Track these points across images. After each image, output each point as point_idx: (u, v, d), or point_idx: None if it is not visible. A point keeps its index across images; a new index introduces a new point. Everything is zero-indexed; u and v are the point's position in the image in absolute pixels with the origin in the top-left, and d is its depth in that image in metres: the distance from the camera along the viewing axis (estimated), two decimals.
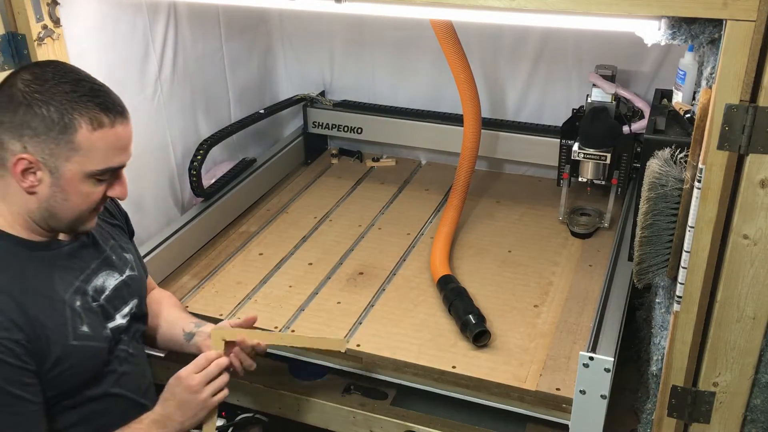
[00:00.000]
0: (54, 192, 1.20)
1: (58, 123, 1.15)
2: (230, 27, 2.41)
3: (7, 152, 1.17)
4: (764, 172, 1.18)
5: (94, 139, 1.18)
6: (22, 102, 1.15)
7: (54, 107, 1.15)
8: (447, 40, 1.87)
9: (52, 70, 1.19)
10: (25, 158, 1.16)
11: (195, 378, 1.34)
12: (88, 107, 1.17)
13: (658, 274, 1.43)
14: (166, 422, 1.33)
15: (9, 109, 1.16)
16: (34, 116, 1.15)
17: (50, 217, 1.23)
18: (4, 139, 1.17)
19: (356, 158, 2.70)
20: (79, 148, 1.17)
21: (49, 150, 1.16)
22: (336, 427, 1.77)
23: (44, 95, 1.16)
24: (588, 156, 2.07)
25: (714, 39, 1.22)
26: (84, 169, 1.19)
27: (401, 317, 1.82)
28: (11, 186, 1.20)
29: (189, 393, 1.33)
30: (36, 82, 1.17)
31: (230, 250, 2.13)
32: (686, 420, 1.43)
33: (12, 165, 1.17)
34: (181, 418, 1.33)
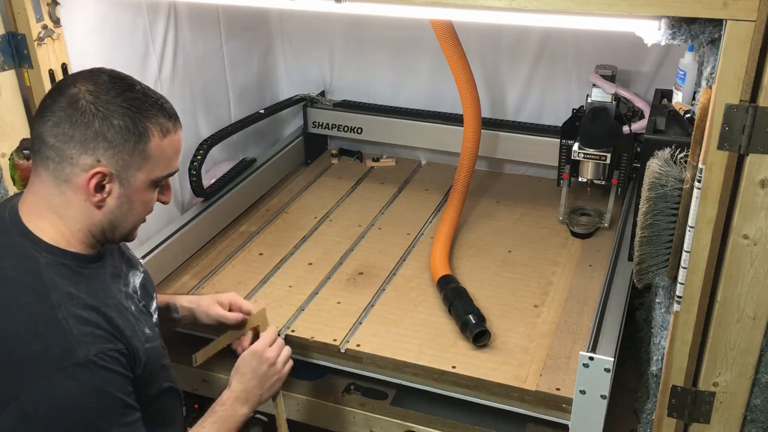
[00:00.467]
0: (121, 203, 1.18)
1: (133, 133, 1.13)
2: (230, 27, 2.41)
3: (76, 167, 1.13)
4: (764, 172, 1.18)
5: (164, 146, 1.18)
6: (96, 114, 1.12)
7: (129, 117, 1.13)
8: (447, 40, 1.87)
9: (108, 78, 1.16)
10: (101, 171, 1.13)
11: (272, 351, 1.43)
12: (156, 115, 1.16)
13: (658, 274, 1.43)
14: (248, 397, 1.39)
15: (81, 122, 1.11)
16: (111, 127, 1.12)
17: (110, 230, 1.20)
18: (73, 153, 1.12)
19: (356, 158, 2.70)
20: (150, 157, 1.16)
21: (123, 161, 1.14)
22: (336, 427, 1.77)
23: (116, 105, 1.13)
24: (588, 156, 2.07)
25: (714, 39, 1.22)
26: (150, 177, 1.19)
27: (401, 317, 1.82)
28: (72, 202, 1.15)
29: (268, 366, 1.42)
30: (102, 92, 1.13)
31: (230, 250, 2.12)
32: (686, 420, 1.43)
33: (86, 180, 1.13)
34: (260, 390, 1.41)
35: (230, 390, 1.40)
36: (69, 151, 1.12)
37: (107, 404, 1.12)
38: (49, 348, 1.09)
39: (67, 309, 1.11)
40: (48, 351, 1.08)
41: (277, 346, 1.46)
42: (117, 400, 1.13)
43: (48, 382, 1.07)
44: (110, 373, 1.12)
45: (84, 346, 1.10)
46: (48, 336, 1.09)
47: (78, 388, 1.09)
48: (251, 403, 1.40)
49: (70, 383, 1.08)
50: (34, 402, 1.07)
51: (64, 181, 1.14)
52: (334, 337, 1.73)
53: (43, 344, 1.09)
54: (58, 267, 1.15)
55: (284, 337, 1.75)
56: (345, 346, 1.71)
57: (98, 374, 1.10)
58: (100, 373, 1.11)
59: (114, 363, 1.13)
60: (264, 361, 1.42)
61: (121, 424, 1.14)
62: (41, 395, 1.07)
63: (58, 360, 1.08)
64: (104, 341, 1.13)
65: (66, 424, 1.09)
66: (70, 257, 1.17)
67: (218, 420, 1.35)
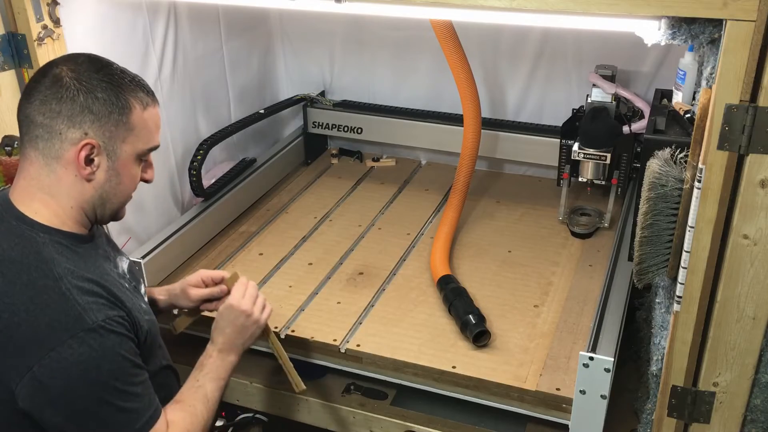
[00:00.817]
0: (109, 176, 1.23)
1: (116, 105, 1.20)
2: (230, 27, 2.41)
3: (65, 142, 1.18)
4: (764, 172, 1.18)
5: (145, 118, 1.25)
6: (80, 89, 1.18)
7: (111, 90, 1.20)
8: (447, 40, 1.87)
9: (86, 59, 1.23)
10: (89, 143, 1.19)
11: (246, 302, 1.47)
12: (134, 89, 1.23)
13: (658, 274, 1.43)
14: (231, 347, 1.44)
15: (66, 97, 1.18)
16: (96, 100, 1.19)
17: (101, 205, 1.25)
18: (62, 129, 1.18)
19: (356, 158, 2.70)
20: (133, 128, 1.23)
21: (109, 133, 1.20)
22: (336, 427, 1.77)
23: (97, 81, 1.20)
24: (588, 156, 2.07)
25: (714, 39, 1.22)
26: (136, 149, 1.24)
27: (401, 317, 1.82)
28: (63, 179, 1.21)
29: (245, 317, 1.46)
30: (82, 70, 1.20)
31: (230, 250, 2.12)
32: (686, 420, 1.43)
33: (75, 153, 1.18)
34: (241, 340, 1.45)
35: (213, 344, 1.44)
36: (57, 126, 1.18)
37: (119, 366, 1.17)
38: (58, 318, 1.13)
39: (69, 281, 1.16)
40: (57, 321, 1.13)
41: (250, 296, 1.49)
42: (127, 362, 1.18)
43: (61, 350, 1.11)
44: (118, 336, 1.17)
45: (91, 313, 1.15)
46: (55, 307, 1.13)
47: (90, 353, 1.13)
48: (236, 351, 1.45)
49: (82, 349, 1.12)
50: (49, 371, 1.11)
51: (54, 158, 1.19)
52: (334, 337, 1.73)
53: (51, 315, 1.13)
54: (55, 245, 1.19)
55: (284, 336, 1.75)
56: (345, 346, 1.71)
57: (107, 338, 1.15)
58: (110, 336, 1.15)
59: (120, 327, 1.18)
60: (240, 314, 1.46)
61: (134, 383, 1.20)
62: (55, 363, 1.11)
63: (67, 328, 1.12)
64: (108, 308, 1.18)
65: (83, 387, 1.14)
66: (65, 236, 1.22)
67: (209, 371, 1.40)
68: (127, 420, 1.18)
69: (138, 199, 2.05)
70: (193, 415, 1.32)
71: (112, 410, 1.16)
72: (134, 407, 1.19)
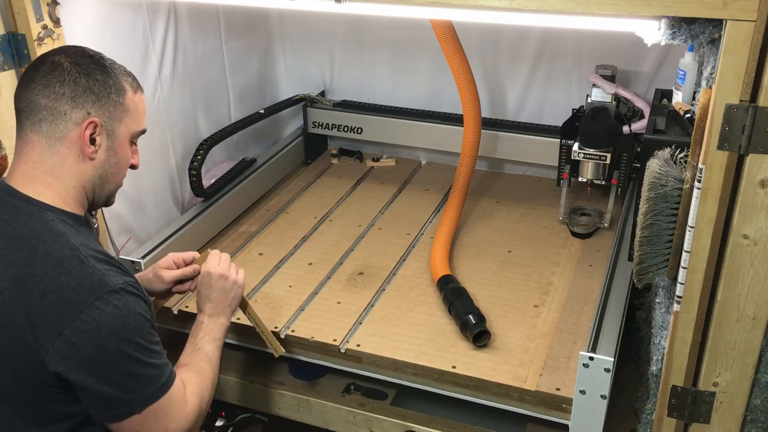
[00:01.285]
0: (109, 156, 1.30)
1: (113, 86, 1.27)
2: (230, 27, 2.41)
3: (69, 122, 1.24)
4: (764, 172, 1.18)
5: (136, 100, 1.33)
6: (80, 72, 1.25)
7: (106, 74, 1.27)
8: (447, 40, 1.87)
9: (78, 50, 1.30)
10: (93, 121, 1.25)
11: (220, 267, 1.55)
12: (124, 74, 1.32)
13: (658, 274, 1.43)
14: (220, 310, 1.52)
15: (69, 80, 1.24)
16: (95, 82, 1.26)
17: (100, 185, 1.32)
18: (66, 109, 1.24)
19: (356, 158, 2.70)
20: (127, 109, 1.30)
21: (108, 113, 1.27)
22: (336, 427, 1.77)
23: (93, 66, 1.27)
24: (588, 156, 2.07)
25: (714, 39, 1.22)
26: (130, 131, 1.32)
27: (401, 317, 1.82)
28: (66, 159, 1.26)
29: (223, 279, 1.54)
30: (78, 57, 1.27)
31: (230, 250, 2.12)
32: (686, 420, 1.43)
33: (81, 132, 1.24)
34: (227, 301, 1.54)
35: (202, 312, 1.52)
36: (62, 107, 1.24)
37: (142, 323, 1.23)
38: (82, 283, 1.18)
39: (85, 251, 1.22)
40: (81, 286, 1.18)
41: (225, 261, 1.57)
42: (148, 321, 1.25)
43: (89, 311, 1.17)
44: (138, 298, 1.24)
45: (111, 277, 1.21)
46: (77, 273, 1.19)
47: (117, 312, 1.19)
48: (225, 314, 1.53)
49: (108, 309, 1.18)
50: (80, 333, 1.16)
51: (58, 139, 1.25)
52: (334, 337, 1.73)
53: (75, 281, 1.18)
54: (61, 223, 1.25)
55: (284, 336, 1.75)
56: (345, 346, 1.71)
57: (129, 299, 1.22)
58: (131, 298, 1.22)
59: (137, 290, 1.25)
60: (219, 278, 1.53)
61: (154, 342, 1.26)
62: (85, 325, 1.16)
63: (92, 292, 1.18)
64: (122, 274, 1.25)
65: (113, 345, 1.18)
66: (68, 216, 1.27)
67: (205, 334, 1.48)
68: (153, 375, 1.24)
69: (138, 199, 2.06)
70: (201, 374, 1.40)
71: (141, 366, 1.22)
72: (158, 363, 1.26)
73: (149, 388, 1.23)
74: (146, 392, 1.23)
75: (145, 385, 1.23)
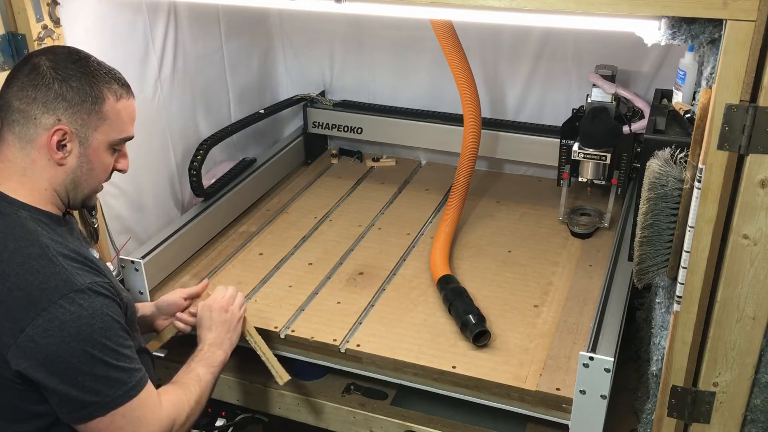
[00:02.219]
0: (81, 162, 1.29)
1: (90, 94, 1.26)
2: (230, 27, 2.41)
3: (39, 127, 1.24)
4: (764, 172, 1.18)
5: (118, 108, 1.31)
6: (55, 78, 1.25)
7: (85, 81, 1.26)
8: (447, 40, 1.87)
9: (65, 51, 1.30)
10: (61, 129, 1.24)
11: (222, 300, 1.58)
12: (109, 81, 1.30)
13: (658, 274, 1.43)
14: (220, 342, 1.53)
15: (42, 84, 1.24)
16: (69, 89, 1.25)
17: (72, 189, 1.31)
18: (37, 114, 1.24)
19: (356, 158, 2.70)
20: (106, 118, 1.29)
21: (81, 120, 1.26)
22: (336, 427, 1.77)
23: (73, 71, 1.26)
24: (588, 156, 2.07)
25: (714, 39, 1.22)
26: (108, 138, 1.31)
27: (401, 317, 1.82)
28: (37, 162, 1.26)
29: (223, 312, 1.56)
30: (60, 60, 1.27)
31: (230, 250, 2.12)
32: (686, 420, 1.43)
33: (48, 138, 1.24)
34: (227, 333, 1.55)
35: (203, 341, 1.53)
36: (33, 111, 1.24)
37: (109, 325, 1.22)
38: (48, 281, 1.19)
39: (55, 249, 1.23)
40: (47, 284, 1.18)
41: (229, 296, 1.60)
42: (116, 323, 1.24)
43: (52, 310, 1.17)
44: (106, 299, 1.23)
45: (79, 276, 1.21)
46: (44, 272, 1.19)
47: (81, 311, 1.18)
48: (224, 347, 1.54)
49: (73, 308, 1.18)
50: (42, 330, 1.16)
51: (29, 142, 1.25)
52: (334, 337, 1.73)
53: (41, 279, 1.19)
54: (35, 221, 1.26)
55: (284, 336, 1.75)
56: (345, 346, 1.71)
57: (96, 299, 1.21)
58: (98, 298, 1.22)
59: (107, 291, 1.25)
60: (220, 310, 1.56)
61: (122, 345, 1.25)
62: (48, 323, 1.16)
63: (58, 290, 1.18)
64: (93, 274, 1.24)
65: (76, 344, 1.18)
66: (43, 215, 1.28)
67: (201, 359, 1.48)
68: (118, 378, 1.22)
69: (138, 199, 2.06)
70: (185, 389, 1.39)
71: (105, 367, 1.21)
72: (125, 366, 1.24)
73: (115, 391, 1.21)
74: (111, 395, 1.21)
75: (110, 388, 1.21)
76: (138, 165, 2.03)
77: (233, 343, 1.57)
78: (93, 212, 1.81)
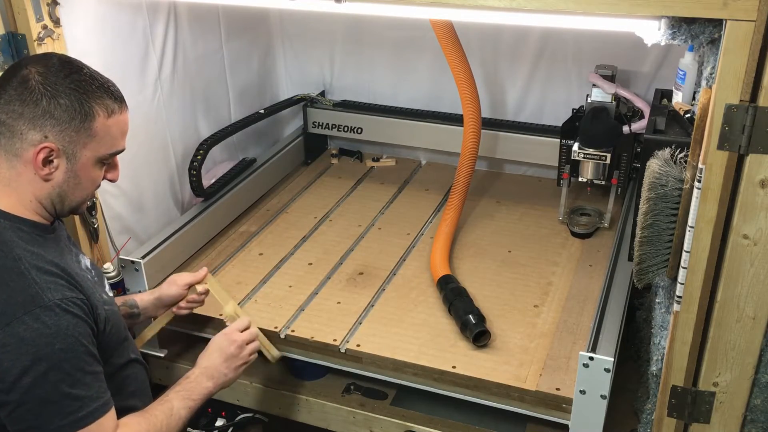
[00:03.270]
0: (68, 177, 1.26)
1: (79, 112, 1.22)
2: (230, 27, 2.41)
3: (25, 142, 1.21)
4: (764, 172, 1.18)
5: (109, 125, 1.26)
6: (44, 93, 1.20)
7: (75, 97, 1.22)
8: (447, 40, 1.87)
9: (57, 62, 1.25)
10: (47, 146, 1.21)
11: (242, 335, 1.53)
12: (102, 96, 1.25)
13: (658, 274, 1.43)
14: (213, 373, 1.47)
15: (30, 100, 1.20)
16: (58, 106, 1.21)
17: (59, 202, 1.28)
18: (23, 129, 1.21)
19: (356, 158, 2.70)
20: (96, 135, 1.25)
21: (69, 138, 1.22)
22: (336, 427, 1.77)
23: (63, 86, 1.22)
24: (588, 156, 2.07)
25: (714, 39, 1.22)
26: (97, 154, 1.27)
27: (401, 317, 1.82)
28: (22, 175, 1.23)
29: (236, 347, 1.51)
30: (50, 74, 1.22)
31: (230, 250, 2.12)
32: (686, 420, 1.43)
33: (34, 154, 1.21)
34: (226, 369, 1.48)
35: (197, 366, 1.47)
36: (19, 127, 1.21)
37: (72, 347, 1.17)
38: (14, 296, 1.15)
39: (29, 261, 1.19)
40: (13, 298, 1.15)
41: (249, 333, 1.55)
42: (81, 346, 1.19)
43: (15, 325, 1.13)
44: (75, 318, 1.18)
45: (48, 292, 1.17)
46: (13, 285, 1.16)
47: (43, 329, 1.14)
48: (216, 379, 1.46)
49: (36, 325, 1.14)
50: (1, 345, 1.13)
51: (14, 155, 1.22)
52: (334, 337, 1.73)
53: (7, 293, 1.15)
54: (16, 231, 1.23)
55: (284, 336, 1.75)
56: (345, 346, 1.71)
57: (63, 318, 1.17)
58: (65, 316, 1.17)
59: (78, 309, 1.20)
60: (232, 342, 1.51)
61: (85, 371, 1.19)
62: (8, 338, 1.13)
63: (23, 305, 1.15)
64: (67, 290, 1.20)
65: (31, 363, 1.14)
66: (26, 224, 1.25)
67: (181, 390, 1.41)
68: (70, 406, 1.17)
69: (138, 199, 2.06)
70: (151, 423, 1.31)
71: (57, 393, 1.16)
72: (80, 394, 1.18)
73: (61, 419, 1.16)
74: (56, 423, 1.16)
75: (56, 415, 1.16)
76: (138, 165, 2.03)
77: (226, 382, 1.49)
78: (93, 212, 1.81)
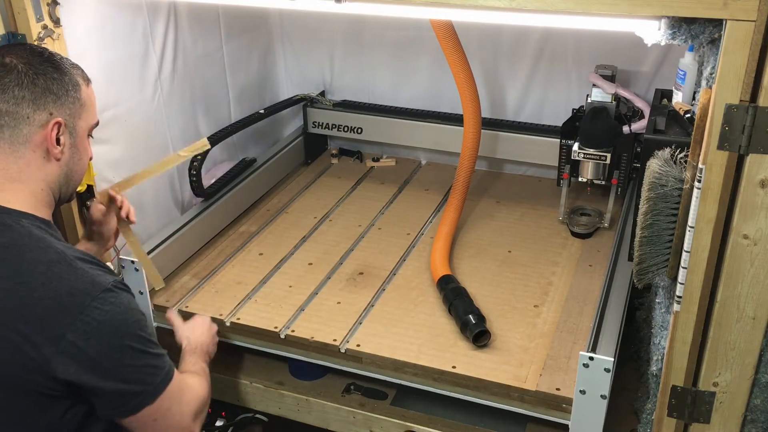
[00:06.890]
0: (72, 153, 1.30)
1: (68, 83, 1.27)
2: (230, 27, 2.41)
3: (33, 125, 1.23)
4: (764, 172, 1.18)
5: (89, 92, 1.33)
6: (37, 73, 1.24)
7: (59, 72, 1.26)
8: (447, 40, 1.87)
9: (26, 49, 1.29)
10: (58, 121, 1.25)
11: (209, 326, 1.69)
12: (73, 66, 1.31)
13: (658, 274, 1.43)
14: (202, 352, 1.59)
15: (27, 82, 1.23)
16: (53, 81, 1.25)
17: (66, 183, 1.32)
18: (28, 112, 1.23)
19: (356, 158, 2.70)
20: (84, 104, 1.31)
21: (69, 110, 1.27)
22: (336, 427, 1.77)
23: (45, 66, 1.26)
24: (588, 156, 2.07)
25: (714, 39, 1.22)
26: (88, 124, 1.33)
27: (401, 317, 1.82)
28: (31, 163, 1.25)
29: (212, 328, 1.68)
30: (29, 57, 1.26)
31: (230, 250, 2.12)
32: (686, 420, 1.43)
33: (47, 133, 1.24)
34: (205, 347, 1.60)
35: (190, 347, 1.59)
36: (24, 111, 1.22)
37: (139, 317, 1.25)
38: (76, 285, 1.18)
39: (70, 254, 1.22)
40: (75, 288, 1.18)
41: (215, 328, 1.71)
42: (142, 315, 1.27)
43: (88, 312, 1.17)
44: (129, 294, 1.26)
45: (101, 277, 1.22)
46: (68, 277, 1.19)
47: (114, 308, 1.20)
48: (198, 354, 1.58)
49: (107, 307, 1.19)
50: (82, 334, 1.16)
51: (22, 143, 1.24)
52: (334, 337, 1.73)
53: (68, 284, 1.18)
54: (38, 228, 1.24)
55: (284, 336, 1.75)
56: (345, 346, 1.71)
57: (123, 295, 1.23)
58: (124, 294, 1.24)
59: (126, 286, 1.27)
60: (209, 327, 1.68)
61: (151, 334, 1.28)
62: (86, 326, 1.16)
63: (87, 292, 1.18)
64: (108, 274, 1.26)
65: (117, 341, 1.20)
66: (42, 222, 1.27)
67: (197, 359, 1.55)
68: (157, 364, 1.26)
69: (138, 199, 2.06)
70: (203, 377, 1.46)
71: (146, 357, 1.24)
72: (159, 353, 1.28)
73: (156, 377, 1.25)
74: (155, 382, 1.25)
75: (153, 375, 1.25)
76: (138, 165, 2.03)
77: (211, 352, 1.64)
78: None
